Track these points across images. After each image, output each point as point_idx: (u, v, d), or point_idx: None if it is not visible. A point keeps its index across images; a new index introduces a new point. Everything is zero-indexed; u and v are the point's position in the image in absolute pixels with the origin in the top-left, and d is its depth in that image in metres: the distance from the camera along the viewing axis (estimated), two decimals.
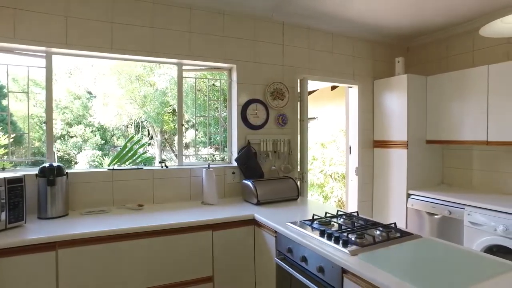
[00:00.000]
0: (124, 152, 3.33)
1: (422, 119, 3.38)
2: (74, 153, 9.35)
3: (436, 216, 2.97)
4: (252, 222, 2.34)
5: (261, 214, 2.29)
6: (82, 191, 2.41)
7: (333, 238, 1.68)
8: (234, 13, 2.92)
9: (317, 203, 2.98)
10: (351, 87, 3.67)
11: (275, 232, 2.07)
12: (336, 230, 1.78)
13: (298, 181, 3.13)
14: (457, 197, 2.83)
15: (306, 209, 2.53)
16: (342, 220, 2.02)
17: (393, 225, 1.87)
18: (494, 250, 2.48)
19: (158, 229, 2.04)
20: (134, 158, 3.51)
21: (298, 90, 3.23)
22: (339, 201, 5.23)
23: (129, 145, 3.57)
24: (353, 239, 1.65)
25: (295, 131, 3.23)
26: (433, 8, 2.94)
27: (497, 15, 1.96)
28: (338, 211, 2.18)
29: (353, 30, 3.49)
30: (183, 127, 2.93)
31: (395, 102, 3.42)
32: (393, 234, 1.76)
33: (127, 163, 3.44)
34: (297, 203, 2.72)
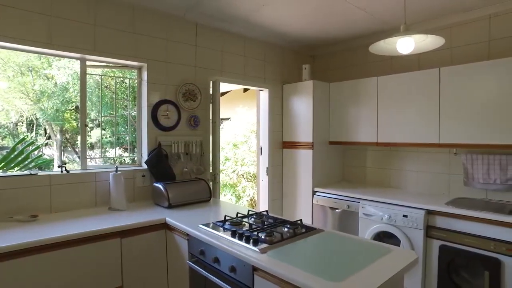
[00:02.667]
0: (13, 156, 2.90)
1: (325, 122, 3.70)
2: None
3: (337, 210, 3.29)
4: (164, 226, 2.28)
5: (173, 218, 2.24)
6: None
7: (244, 238, 1.74)
8: (144, 9, 2.78)
9: (229, 203, 3.04)
10: (262, 90, 3.83)
11: (187, 235, 2.05)
12: (247, 230, 1.85)
13: (210, 182, 3.14)
14: (354, 192, 3.19)
15: (218, 210, 2.56)
16: (252, 219, 2.10)
17: (299, 222, 2.02)
18: (381, 236, 2.87)
19: (55, 241, 1.82)
20: (26, 162, 3.08)
21: (211, 92, 3.24)
22: (251, 200, 5.40)
23: (20, 147, 3.13)
24: (262, 237, 1.73)
25: (207, 133, 3.23)
26: (334, 24, 3.25)
27: (387, 34, 2.29)
28: (249, 211, 2.26)
29: (264, 36, 3.65)
30: (88, 126, 2.70)
31: (302, 106, 3.68)
32: (299, 230, 1.89)
33: (15, 168, 3.00)
34: (209, 204, 2.73)
